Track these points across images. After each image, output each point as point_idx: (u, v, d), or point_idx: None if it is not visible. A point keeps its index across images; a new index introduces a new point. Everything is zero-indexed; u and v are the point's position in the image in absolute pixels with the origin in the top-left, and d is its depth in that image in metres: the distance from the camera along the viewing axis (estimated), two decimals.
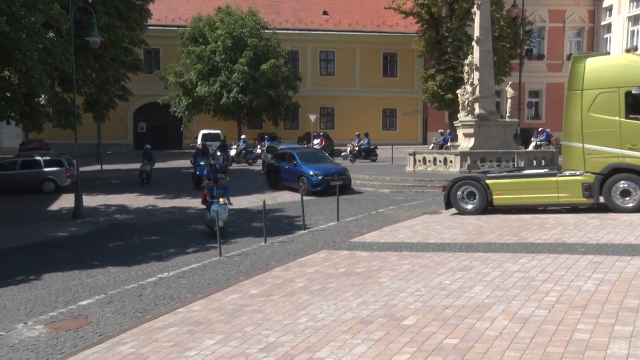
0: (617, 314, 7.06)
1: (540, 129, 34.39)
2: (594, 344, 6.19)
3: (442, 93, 37.00)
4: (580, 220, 13.11)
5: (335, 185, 16.86)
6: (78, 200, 19.55)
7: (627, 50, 41.09)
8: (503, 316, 7.29)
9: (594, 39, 45.36)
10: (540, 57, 45.81)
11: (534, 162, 24.30)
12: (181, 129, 42.17)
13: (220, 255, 12.47)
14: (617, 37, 42.07)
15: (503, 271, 9.36)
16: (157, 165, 28.43)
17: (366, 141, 33.92)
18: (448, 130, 35.40)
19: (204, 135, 36.21)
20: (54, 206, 22.10)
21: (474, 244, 11.50)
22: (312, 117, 38.32)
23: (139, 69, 32.09)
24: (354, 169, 26.35)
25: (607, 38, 43.83)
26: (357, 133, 35.11)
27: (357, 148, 33.42)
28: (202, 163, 20.56)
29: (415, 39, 39.83)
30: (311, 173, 22.00)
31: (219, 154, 27.31)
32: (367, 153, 33.37)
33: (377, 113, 45.98)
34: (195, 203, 21.43)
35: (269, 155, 28.01)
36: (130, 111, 43.80)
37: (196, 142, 34.88)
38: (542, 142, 31.55)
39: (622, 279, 8.47)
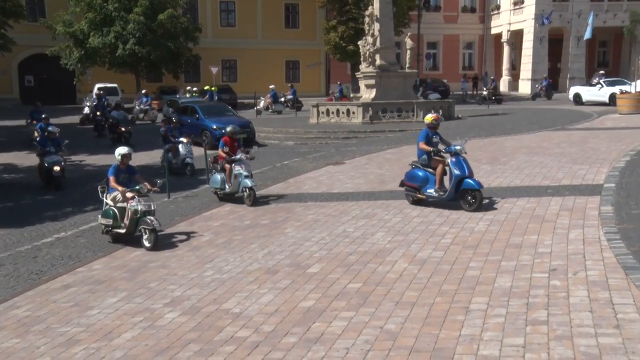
0: (504, 251, 7.63)
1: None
2: (484, 279, 6.69)
3: (344, 44, 37.12)
4: (474, 166, 13.81)
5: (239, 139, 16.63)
6: None
7: (515, 3, 43.00)
8: (403, 259, 7.66)
9: None
10: (437, 8, 46.95)
11: (432, 111, 25.09)
12: (74, 83, 39.66)
13: None
14: None
15: (403, 217, 9.78)
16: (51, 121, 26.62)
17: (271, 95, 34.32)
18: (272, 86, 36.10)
19: (99, 89, 34.24)
20: None
21: (376, 192, 11.89)
22: (214, 70, 37.35)
23: (21, 15, 29.60)
24: (258, 122, 26.15)
25: None
26: (271, 86, 35.09)
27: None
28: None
29: None
30: (214, 127, 21.56)
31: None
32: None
33: (280, 65, 45.58)
34: (93, 160, 20.51)
35: (170, 109, 27.11)
36: (14, 63, 40.64)
37: (91, 95, 32.77)
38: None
39: (509, 219, 9.13)
